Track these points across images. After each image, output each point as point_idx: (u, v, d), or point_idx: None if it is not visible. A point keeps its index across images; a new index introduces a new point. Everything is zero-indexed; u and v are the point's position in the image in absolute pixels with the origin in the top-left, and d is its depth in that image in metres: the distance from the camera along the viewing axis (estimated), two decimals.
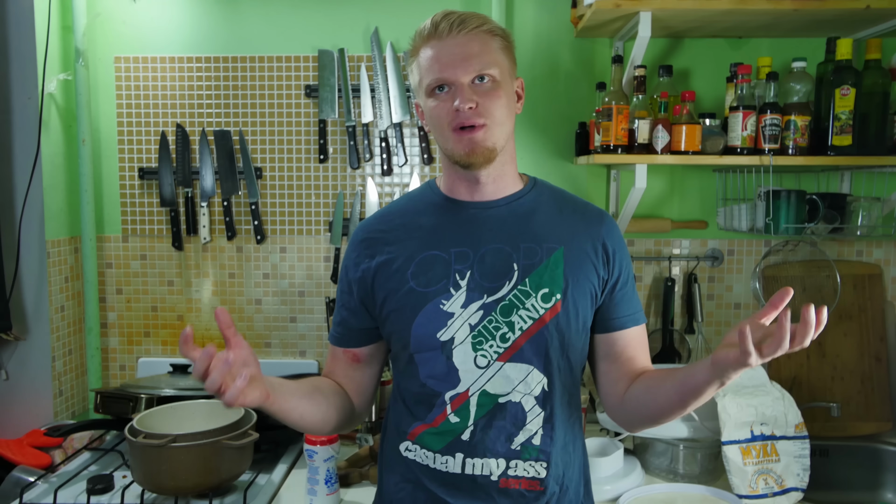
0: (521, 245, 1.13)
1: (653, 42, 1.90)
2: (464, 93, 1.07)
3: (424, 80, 1.11)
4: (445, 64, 1.08)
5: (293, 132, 2.10)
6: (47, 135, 1.93)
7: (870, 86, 1.72)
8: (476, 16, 1.11)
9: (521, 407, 1.13)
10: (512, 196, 1.18)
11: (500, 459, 1.12)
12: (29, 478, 1.60)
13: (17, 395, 1.93)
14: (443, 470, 1.14)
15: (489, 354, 1.11)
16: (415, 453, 1.17)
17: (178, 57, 2.08)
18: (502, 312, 1.11)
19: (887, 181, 1.97)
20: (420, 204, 1.21)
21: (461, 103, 1.07)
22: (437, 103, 1.11)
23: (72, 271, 2.05)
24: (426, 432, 1.15)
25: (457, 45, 1.08)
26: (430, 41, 1.10)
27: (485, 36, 1.10)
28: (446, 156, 1.15)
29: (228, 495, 1.56)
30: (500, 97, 1.10)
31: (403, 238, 1.17)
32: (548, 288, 1.11)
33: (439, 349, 1.11)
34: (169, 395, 1.79)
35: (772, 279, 2.01)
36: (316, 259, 2.14)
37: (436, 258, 1.13)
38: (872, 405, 1.96)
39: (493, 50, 1.10)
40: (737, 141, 1.76)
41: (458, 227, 1.16)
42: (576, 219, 1.18)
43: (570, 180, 2.09)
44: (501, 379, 1.12)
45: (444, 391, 1.13)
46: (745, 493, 1.55)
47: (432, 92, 1.11)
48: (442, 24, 1.09)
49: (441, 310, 1.11)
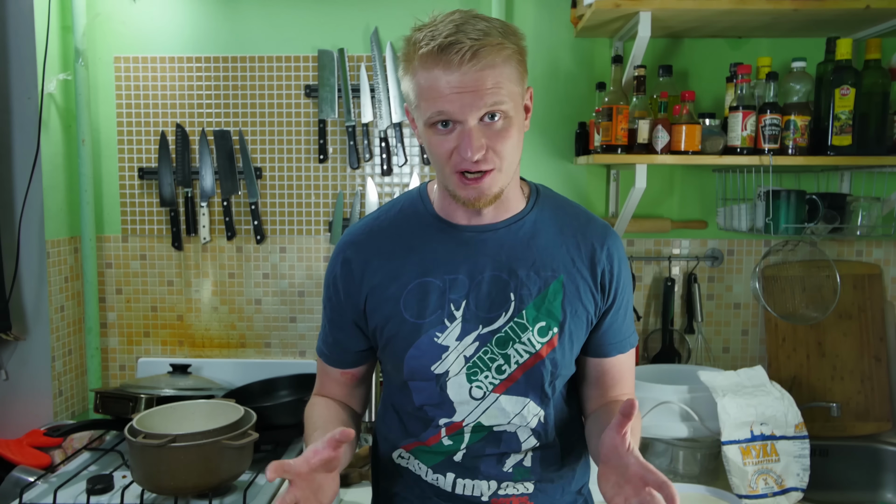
0: (519, 273, 1.07)
1: (652, 42, 1.90)
2: (472, 139, 0.95)
3: (423, 108, 0.97)
4: (452, 100, 0.94)
5: (293, 132, 2.10)
6: (47, 135, 1.93)
7: (870, 86, 1.72)
8: (488, 36, 0.93)
9: (517, 436, 1.11)
10: (512, 218, 1.09)
11: (491, 481, 1.12)
12: (29, 478, 1.60)
13: (17, 395, 1.93)
14: (434, 484, 1.14)
15: (484, 386, 1.08)
16: (408, 461, 1.16)
17: (178, 57, 2.08)
18: (498, 344, 1.06)
19: (887, 181, 1.97)
20: (412, 222, 1.11)
21: (471, 154, 0.95)
22: (439, 140, 0.98)
23: (71, 271, 2.05)
24: (419, 448, 1.14)
25: (467, 79, 0.93)
26: (432, 67, 0.94)
27: (498, 64, 0.94)
28: (444, 189, 1.06)
29: (228, 495, 1.55)
30: (511, 136, 0.98)
31: (394, 261, 1.09)
32: (545, 322, 1.07)
33: (433, 381, 1.08)
34: (169, 395, 1.79)
35: (772, 279, 2.01)
36: (316, 259, 2.13)
37: (429, 286, 1.07)
38: (872, 405, 1.96)
39: (507, 79, 0.95)
40: (736, 141, 1.76)
41: (452, 251, 1.08)
42: (578, 240, 1.10)
43: (570, 180, 2.09)
44: (497, 411, 1.09)
45: (438, 417, 1.11)
46: (745, 493, 1.55)
47: (433, 125, 0.98)
48: (451, 56, 0.92)
49: (435, 343, 1.06)
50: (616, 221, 1.94)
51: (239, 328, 2.16)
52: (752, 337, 2.11)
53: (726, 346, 2.12)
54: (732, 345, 2.12)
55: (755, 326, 2.11)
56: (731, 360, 2.11)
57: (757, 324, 2.10)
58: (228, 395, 1.82)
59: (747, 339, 2.11)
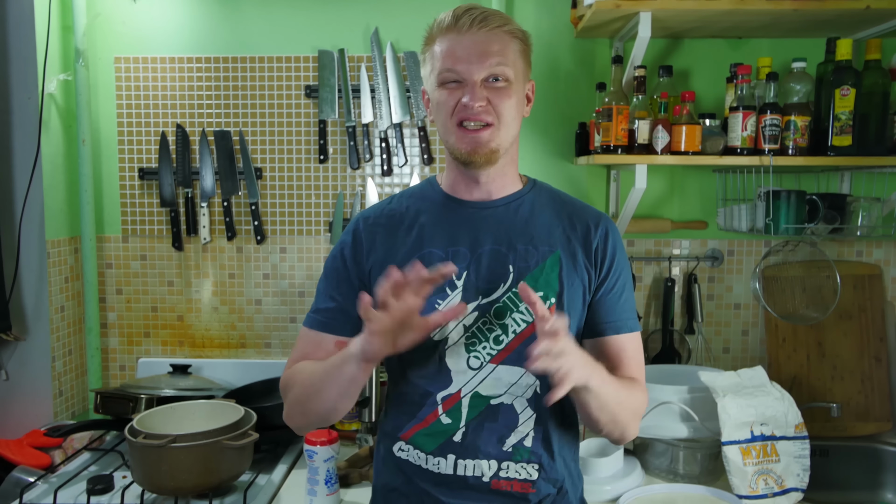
0: (517, 247, 1.13)
1: (653, 42, 1.90)
2: (475, 90, 1.07)
3: (436, 69, 1.10)
4: (461, 58, 1.07)
5: (293, 132, 2.10)
6: (47, 135, 1.93)
7: (870, 86, 1.72)
8: (499, 15, 1.10)
9: (513, 409, 1.13)
10: (510, 196, 1.18)
11: (491, 461, 1.12)
12: (29, 478, 1.60)
13: (17, 395, 1.93)
14: (435, 471, 1.14)
15: (482, 356, 1.11)
16: (407, 453, 1.17)
17: (178, 57, 2.08)
18: (496, 314, 1.11)
19: (887, 181, 1.97)
20: (420, 201, 1.20)
21: (471, 100, 1.07)
22: (446, 94, 1.09)
23: (72, 271, 2.05)
24: (419, 433, 1.15)
25: (475, 41, 1.07)
26: (448, 33, 1.09)
27: (505, 36, 1.09)
28: (448, 150, 1.15)
29: (228, 495, 1.56)
30: (510, 98, 1.09)
31: (400, 233, 1.16)
32: (542, 292, 1.11)
33: (432, 349, 1.11)
34: (169, 396, 1.79)
35: (772, 279, 2.01)
36: (316, 259, 2.13)
37: (433, 256, 1.13)
38: (872, 405, 1.96)
39: (511, 51, 1.09)
40: (737, 141, 1.76)
41: (456, 225, 1.15)
42: (573, 221, 1.17)
43: (570, 180, 2.09)
44: (493, 381, 1.12)
45: (435, 391, 1.13)
46: (745, 494, 1.55)
47: (443, 83, 1.10)
48: (463, 19, 1.07)
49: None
50: (616, 222, 1.94)
51: (239, 328, 2.16)
52: (753, 337, 2.11)
53: (726, 346, 2.12)
54: (732, 345, 2.12)
55: (755, 327, 2.11)
56: (732, 361, 2.11)
57: (757, 324, 2.10)
58: (228, 396, 1.82)
59: (747, 339, 2.11)
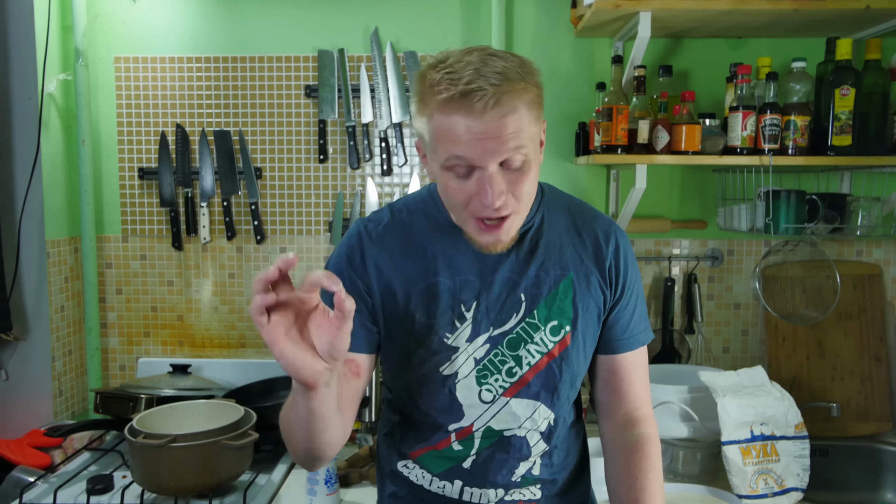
0: (529, 273, 1.07)
1: (653, 42, 1.90)
2: (493, 185, 0.93)
3: (440, 150, 0.95)
4: (472, 146, 0.92)
5: (293, 132, 2.10)
6: (47, 135, 1.93)
7: (870, 86, 1.72)
8: (511, 84, 0.91)
9: (526, 441, 1.10)
10: (522, 227, 1.08)
11: (499, 489, 1.11)
12: (29, 478, 1.60)
13: (17, 395, 1.92)
14: (439, 493, 1.13)
15: (494, 389, 1.07)
16: (411, 472, 1.14)
17: (178, 57, 2.08)
18: (509, 346, 1.06)
19: (887, 181, 1.97)
20: (425, 221, 1.10)
21: (491, 200, 0.94)
22: (456, 184, 0.96)
23: (72, 271, 2.05)
24: (429, 454, 1.12)
25: (489, 126, 0.91)
26: (454, 112, 0.92)
27: (520, 105, 0.93)
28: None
29: (228, 495, 1.56)
30: (530, 178, 0.97)
31: (407, 260, 1.07)
32: (557, 320, 1.07)
33: (441, 383, 1.06)
34: (169, 395, 1.79)
35: (772, 279, 2.01)
36: (316, 259, 2.13)
37: (440, 286, 1.06)
38: (872, 405, 1.96)
39: (527, 121, 0.94)
40: (736, 141, 1.76)
41: (463, 253, 1.07)
42: (584, 237, 1.11)
43: (570, 180, 2.09)
44: (507, 415, 1.08)
45: (446, 423, 1.09)
46: (745, 493, 1.55)
47: (450, 168, 0.96)
48: (475, 102, 0.90)
49: (445, 343, 1.05)
50: (616, 221, 1.94)
51: (239, 328, 2.16)
52: (752, 337, 2.11)
53: (726, 346, 2.12)
54: (732, 345, 2.12)
55: (755, 326, 2.11)
56: (731, 361, 2.11)
57: (757, 324, 2.10)
58: (228, 395, 1.82)
59: (747, 339, 2.11)
